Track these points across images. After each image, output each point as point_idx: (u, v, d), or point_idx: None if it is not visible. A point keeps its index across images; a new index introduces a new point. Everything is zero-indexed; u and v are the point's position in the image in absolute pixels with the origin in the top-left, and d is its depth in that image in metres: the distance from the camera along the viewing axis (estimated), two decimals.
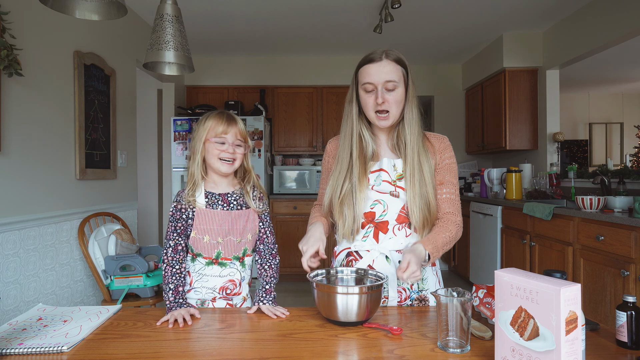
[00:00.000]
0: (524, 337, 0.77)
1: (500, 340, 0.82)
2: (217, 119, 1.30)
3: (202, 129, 1.29)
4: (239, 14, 3.56)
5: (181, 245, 1.29)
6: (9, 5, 2.03)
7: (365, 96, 1.25)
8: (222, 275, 1.31)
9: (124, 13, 1.28)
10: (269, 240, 1.38)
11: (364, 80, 1.24)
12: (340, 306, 1.02)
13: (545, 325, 0.74)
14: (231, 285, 1.32)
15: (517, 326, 0.79)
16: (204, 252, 1.30)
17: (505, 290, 0.81)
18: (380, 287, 1.05)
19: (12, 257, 2.07)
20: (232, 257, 1.31)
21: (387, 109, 1.23)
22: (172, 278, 1.25)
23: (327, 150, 1.43)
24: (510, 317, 0.80)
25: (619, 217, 2.18)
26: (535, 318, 0.76)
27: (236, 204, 1.32)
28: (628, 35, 2.94)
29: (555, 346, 0.73)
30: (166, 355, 0.91)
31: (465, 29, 3.92)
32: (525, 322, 0.77)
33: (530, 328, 0.77)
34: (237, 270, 1.33)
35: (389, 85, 1.22)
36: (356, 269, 1.20)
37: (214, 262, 1.30)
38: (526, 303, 0.77)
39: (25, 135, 2.16)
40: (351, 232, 1.27)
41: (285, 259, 4.43)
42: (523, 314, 0.78)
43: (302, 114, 4.83)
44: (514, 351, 0.79)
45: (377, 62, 1.23)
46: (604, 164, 4.46)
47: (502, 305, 0.82)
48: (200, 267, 1.31)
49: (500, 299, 0.82)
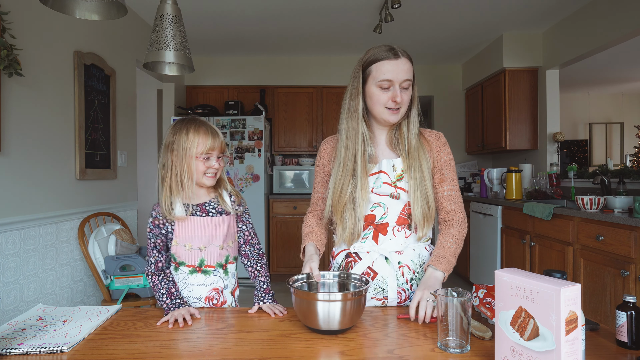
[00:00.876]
0: (524, 337, 0.77)
1: (500, 340, 0.82)
2: (202, 135, 1.24)
3: (189, 145, 1.23)
4: (239, 14, 3.56)
5: (161, 262, 1.27)
6: (9, 5, 2.03)
7: (379, 92, 1.21)
8: (206, 284, 1.30)
9: (124, 13, 1.28)
10: (254, 241, 1.37)
11: (381, 77, 1.19)
12: (321, 314, 0.96)
13: (546, 325, 0.74)
14: (215, 294, 1.31)
15: (517, 326, 0.79)
16: (187, 260, 1.28)
17: (505, 291, 0.81)
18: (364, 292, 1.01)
19: (12, 257, 2.07)
20: (216, 264, 1.30)
21: (400, 107, 1.22)
22: (161, 284, 1.24)
23: (322, 152, 1.37)
24: (511, 317, 0.80)
25: (619, 217, 2.18)
26: (536, 318, 0.76)
27: (215, 212, 1.30)
28: (628, 35, 2.94)
29: (555, 346, 0.73)
30: (166, 355, 0.91)
31: (465, 29, 3.92)
32: (525, 322, 0.77)
33: (531, 328, 0.77)
34: (220, 278, 1.31)
35: (405, 84, 1.21)
36: (339, 273, 1.18)
37: (198, 270, 1.29)
38: (526, 303, 0.77)
39: (25, 135, 2.16)
40: (352, 237, 1.26)
41: (284, 259, 4.43)
42: (523, 314, 0.78)
43: (302, 114, 4.83)
44: (514, 351, 0.79)
45: (397, 60, 1.19)
46: (604, 164, 4.46)
47: (502, 305, 0.82)
48: (184, 276, 1.29)
49: (500, 299, 0.82)
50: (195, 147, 1.23)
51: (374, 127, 1.31)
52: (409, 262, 1.28)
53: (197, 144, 1.23)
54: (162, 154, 1.29)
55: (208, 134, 1.25)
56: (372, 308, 1.21)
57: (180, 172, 1.24)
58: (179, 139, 1.24)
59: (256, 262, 1.36)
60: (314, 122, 4.83)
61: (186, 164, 1.24)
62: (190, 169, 1.24)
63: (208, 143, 1.24)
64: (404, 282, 1.27)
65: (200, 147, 1.23)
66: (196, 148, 1.23)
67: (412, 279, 1.28)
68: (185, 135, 1.24)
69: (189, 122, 1.27)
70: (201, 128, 1.25)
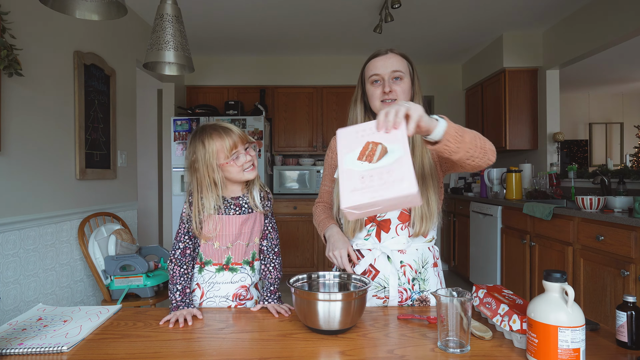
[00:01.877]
0: (374, 160, 0.82)
1: (347, 179, 0.83)
2: (217, 139, 1.22)
3: (209, 156, 1.21)
4: (238, 13, 3.56)
5: (190, 249, 1.27)
6: (9, 5, 2.03)
7: (371, 88, 1.27)
8: (234, 282, 1.29)
9: (124, 13, 1.28)
10: (272, 236, 1.36)
11: (370, 73, 1.27)
12: (322, 314, 0.97)
13: (393, 142, 0.83)
14: (243, 291, 1.30)
15: (365, 157, 0.84)
16: (214, 258, 1.28)
17: (350, 137, 0.88)
18: (364, 292, 1.01)
19: (12, 257, 2.07)
20: (242, 261, 1.30)
21: (395, 98, 1.24)
22: (180, 279, 1.23)
23: (332, 146, 1.42)
24: (357, 154, 0.85)
25: (619, 217, 2.18)
26: (383, 142, 0.83)
27: (247, 207, 1.30)
28: (628, 35, 2.94)
29: (403, 152, 0.81)
30: (166, 356, 0.91)
31: (465, 29, 3.92)
32: (373, 150, 0.83)
33: (379, 151, 0.83)
34: (248, 275, 1.31)
35: (396, 75, 1.25)
36: (339, 273, 1.18)
37: (225, 268, 1.28)
38: (374, 136, 0.84)
39: (25, 135, 2.16)
40: (355, 226, 1.28)
41: (285, 259, 4.43)
42: (371, 146, 0.84)
43: (302, 114, 4.83)
44: (363, 178, 0.82)
45: (383, 55, 1.27)
46: (604, 164, 4.46)
47: (346, 150, 0.86)
48: (210, 276, 1.29)
49: (344, 146, 0.87)
50: (217, 155, 1.22)
51: None
52: (411, 262, 1.27)
53: (217, 151, 1.22)
54: (187, 175, 1.28)
55: (222, 135, 1.23)
56: (372, 308, 1.21)
57: (209, 185, 1.23)
58: (198, 156, 1.23)
59: (270, 261, 1.34)
60: (314, 122, 4.83)
61: (213, 175, 1.22)
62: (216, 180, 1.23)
63: (227, 144, 1.22)
64: (405, 282, 1.27)
65: (222, 152, 1.22)
66: (218, 155, 1.22)
67: (414, 279, 1.27)
68: (202, 148, 1.22)
69: (201, 134, 1.25)
70: (214, 133, 1.24)
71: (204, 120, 4.25)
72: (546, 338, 0.80)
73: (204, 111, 4.37)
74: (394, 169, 0.80)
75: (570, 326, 0.79)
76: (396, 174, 0.79)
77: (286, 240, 4.43)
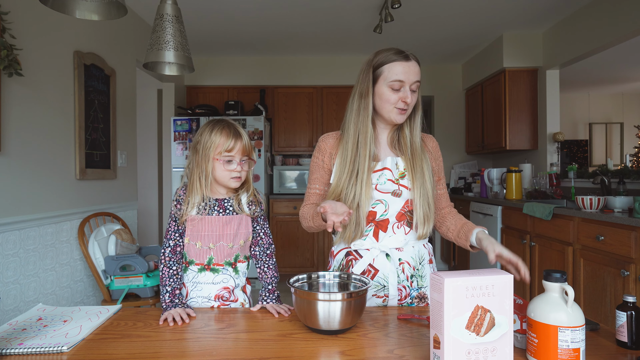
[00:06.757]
0: (481, 334, 0.78)
1: (452, 350, 0.78)
2: (224, 135, 1.24)
3: (210, 145, 1.24)
4: (238, 14, 3.56)
5: (180, 246, 1.28)
6: (9, 5, 2.03)
7: (389, 92, 1.24)
8: (215, 282, 1.29)
9: (124, 13, 1.28)
10: (264, 242, 1.36)
11: (393, 77, 1.22)
12: (322, 314, 0.97)
13: (501, 313, 0.79)
14: (226, 292, 1.31)
15: (473, 327, 0.78)
16: (196, 258, 1.29)
17: (460, 295, 0.78)
18: (364, 292, 1.01)
19: (12, 257, 2.07)
20: (224, 262, 1.30)
21: (406, 109, 1.25)
22: (169, 280, 1.24)
23: (322, 148, 1.34)
24: (466, 321, 0.78)
25: (619, 217, 2.18)
26: (492, 310, 0.79)
27: (232, 210, 1.30)
28: (628, 35, 2.94)
29: (508, 327, 0.79)
30: (166, 355, 0.91)
31: (465, 28, 3.92)
32: (482, 319, 0.78)
33: (487, 322, 0.79)
34: (230, 276, 1.31)
35: (414, 86, 1.25)
36: (339, 273, 1.18)
37: (206, 268, 1.29)
38: (482, 300, 0.78)
39: (25, 135, 2.16)
40: (354, 236, 1.26)
41: (285, 259, 4.43)
42: (480, 312, 0.78)
43: (302, 114, 4.83)
44: (469, 353, 0.78)
45: (408, 62, 1.23)
46: (604, 164, 4.45)
47: (455, 312, 0.78)
48: (194, 275, 1.30)
49: (453, 306, 0.77)
50: (215, 148, 1.24)
51: (377, 127, 1.33)
52: (409, 259, 1.29)
53: (217, 145, 1.24)
54: (189, 154, 1.31)
55: (230, 135, 1.24)
56: (372, 308, 1.21)
57: (201, 173, 1.25)
58: (201, 139, 1.26)
59: (264, 263, 1.35)
60: (314, 122, 4.83)
61: (205, 165, 1.25)
62: (206, 171, 1.25)
63: (227, 144, 1.23)
64: (404, 279, 1.28)
65: (219, 148, 1.24)
66: (215, 148, 1.24)
67: (412, 276, 1.29)
68: (207, 135, 1.25)
69: (215, 123, 1.28)
70: (224, 129, 1.25)
71: (204, 120, 4.25)
72: (546, 338, 0.80)
73: (204, 111, 4.37)
74: (498, 347, 0.78)
75: (570, 326, 0.79)
76: (499, 354, 0.79)
77: (286, 240, 4.43)
